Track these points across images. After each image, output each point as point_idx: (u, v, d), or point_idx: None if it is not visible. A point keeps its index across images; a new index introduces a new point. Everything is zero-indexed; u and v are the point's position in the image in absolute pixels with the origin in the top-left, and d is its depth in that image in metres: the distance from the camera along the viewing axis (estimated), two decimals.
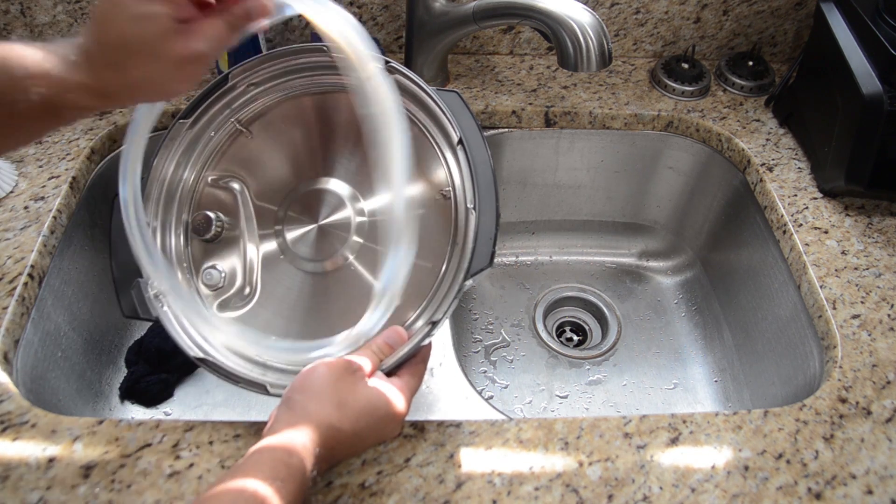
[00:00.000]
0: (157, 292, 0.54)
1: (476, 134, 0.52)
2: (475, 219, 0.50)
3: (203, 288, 0.56)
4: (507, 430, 0.53)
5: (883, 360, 0.59)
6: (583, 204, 0.94)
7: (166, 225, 0.56)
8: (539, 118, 0.84)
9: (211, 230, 0.56)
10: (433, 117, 0.53)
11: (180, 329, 0.53)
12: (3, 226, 0.65)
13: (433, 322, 0.49)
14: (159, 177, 0.56)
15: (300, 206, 0.56)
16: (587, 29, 0.67)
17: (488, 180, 0.51)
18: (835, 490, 0.50)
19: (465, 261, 0.50)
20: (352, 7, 0.86)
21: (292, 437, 0.42)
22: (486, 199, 0.51)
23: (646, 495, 0.49)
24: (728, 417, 0.55)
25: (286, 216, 0.56)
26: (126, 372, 0.74)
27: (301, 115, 0.57)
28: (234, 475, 0.40)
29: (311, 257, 0.55)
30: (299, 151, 0.57)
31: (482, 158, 0.52)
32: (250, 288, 0.56)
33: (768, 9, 0.88)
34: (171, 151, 0.56)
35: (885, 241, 0.69)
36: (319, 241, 0.55)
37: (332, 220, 0.55)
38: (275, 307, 0.55)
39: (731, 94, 0.88)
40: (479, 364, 0.83)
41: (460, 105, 0.53)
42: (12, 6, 0.82)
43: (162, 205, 0.56)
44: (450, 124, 0.52)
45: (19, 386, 0.55)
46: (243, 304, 0.56)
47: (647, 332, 0.88)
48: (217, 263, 0.56)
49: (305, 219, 0.56)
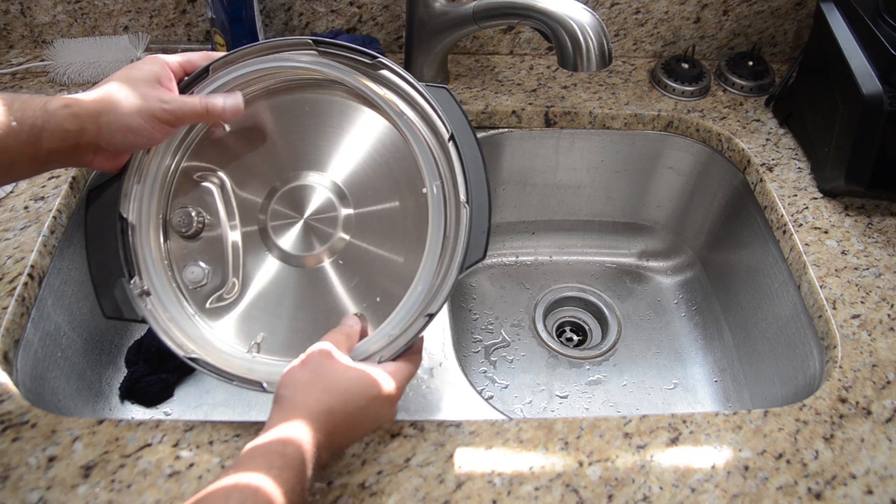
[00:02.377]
0: (141, 291, 0.53)
1: (466, 129, 0.52)
2: (468, 213, 0.50)
3: (185, 285, 0.55)
4: (507, 430, 0.53)
5: (883, 360, 0.59)
6: (583, 204, 0.94)
7: (144, 221, 0.55)
8: (539, 118, 0.84)
9: (192, 227, 0.55)
10: (423, 114, 0.53)
11: (168, 329, 0.53)
12: (3, 226, 0.65)
13: (429, 314, 0.49)
14: (136, 173, 0.55)
15: (284, 200, 0.55)
16: (587, 29, 0.67)
17: (480, 175, 0.51)
18: (835, 490, 0.50)
19: (458, 254, 0.50)
20: (352, 7, 0.86)
21: (286, 430, 0.42)
22: (479, 193, 0.51)
23: (646, 495, 0.49)
24: (728, 417, 0.55)
25: (270, 211, 0.55)
26: (126, 372, 0.74)
27: (285, 109, 0.56)
28: (228, 473, 0.40)
29: (298, 252, 0.55)
30: (283, 145, 0.56)
31: (473, 154, 0.52)
32: (237, 284, 0.55)
33: (768, 9, 0.88)
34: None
35: (885, 241, 0.69)
36: (306, 235, 0.55)
37: (317, 215, 0.55)
38: (264, 304, 0.55)
39: (731, 94, 0.88)
40: (479, 364, 0.83)
41: (450, 101, 0.53)
42: (12, 6, 0.82)
43: (141, 201, 0.55)
44: (440, 121, 0.52)
45: (19, 386, 0.55)
46: (231, 303, 0.55)
47: (647, 332, 0.88)
48: (199, 260, 0.55)
49: (290, 213, 0.55)
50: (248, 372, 0.51)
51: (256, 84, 0.56)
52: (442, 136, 0.52)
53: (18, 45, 0.86)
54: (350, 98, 0.55)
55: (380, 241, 0.54)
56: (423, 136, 0.53)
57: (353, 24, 0.88)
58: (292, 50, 0.54)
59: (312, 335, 0.52)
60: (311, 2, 0.85)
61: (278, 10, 0.86)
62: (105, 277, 0.54)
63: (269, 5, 0.85)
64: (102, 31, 0.86)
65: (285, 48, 0.54)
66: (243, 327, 0.55)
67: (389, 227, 0.54)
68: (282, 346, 0.54)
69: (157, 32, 0.87)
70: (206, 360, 0.52)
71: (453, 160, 0.51)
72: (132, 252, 0.54)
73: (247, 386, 0.51)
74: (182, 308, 0.54)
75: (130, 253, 0.54)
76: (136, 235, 0.55)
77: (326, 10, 0.86)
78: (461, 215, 0.50)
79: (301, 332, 0.53)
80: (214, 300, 0.55)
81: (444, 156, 0.52)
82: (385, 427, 0.53)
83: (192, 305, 0.55)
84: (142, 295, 0.54)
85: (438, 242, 0.51)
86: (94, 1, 0.83)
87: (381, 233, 0.54)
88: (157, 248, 0.55)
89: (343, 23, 0.87)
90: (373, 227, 0.54)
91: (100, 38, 0.84)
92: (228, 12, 0.77)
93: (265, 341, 0.54)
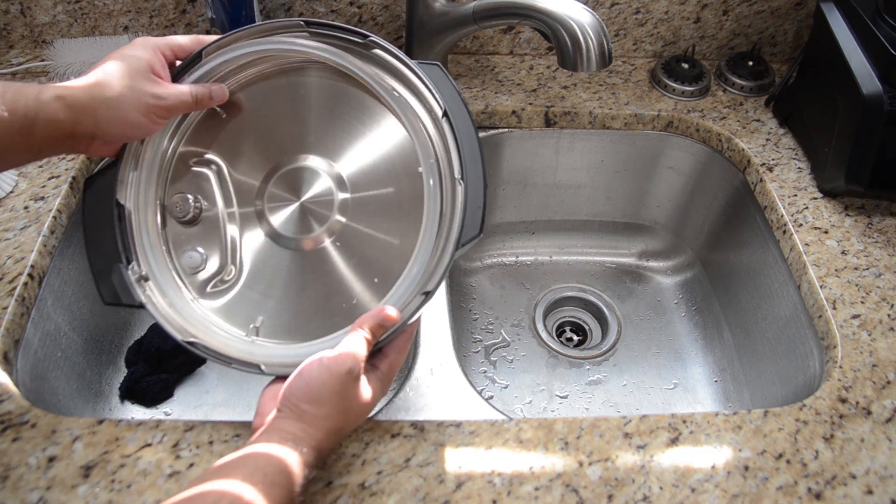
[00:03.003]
0: (140, 276, 0.53)
1: (460, 105, 0.52)
2: (463, 189, 0.50)
3: (184, 270, 0.55)
4: (507, 430, 0.53)
5: (883, 360, 0.59)
6: (583, 204, 0.94)
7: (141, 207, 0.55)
8: (539, 118, 0.84)
9: (189, 212, 0.55)
10: (415, 91, 0.53)
11: (166, 314, 0.53)
12: (3, 226, 0.65)
13: (426, 292, 0.49)
14: (132, 159, 0.55)
15: (281, 183, 0.55)
16: (587, 29, 0.67)
17: (474, 150, 0.51)
18: (835, 490, 0.50)
19: (454, 231, 0.49)
20: (352, 7, 0.86)
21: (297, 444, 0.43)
22: (473, 169, 0.50)
23: (646, 495, 0.49)
24: (728, 417, 0.55)
25: (267, 194, 0.55)
26: (126, 372, 0.74)
27: (279, 92, 0.56)
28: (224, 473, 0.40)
29: (294, 235, 0.55)
30: (277, 128, 0.56)
31: (467, 129, 0.51)
32: (235, 269, 0.55)
33: (768, 9, 0.88)
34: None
35: (885, 241, 0.69)
36: (303, 218, 0.54)
37: (314, 198, 0.54)
38: (263, 288, 0.54)
39: (731, 94, 0.88)
40: (479, 364, 0.83)
41: (442, 77, 0.53)
42: (12, 6, 0.82)
43: (138, 187, 0.55)
44: (433, 97, 0.52)
45: (19, 386, 0.55)
46: (229, 287, 0.55)
47: (647, 332, 0.88)
48: (197, 245, 0.55)
49: (287, 196, 0.55)
50: (248, 355, 0.51)
51: (250, 68, 0.55)
52: (435, 113, 0.52)
53: (18, 45, 0.86)
54: (343, 80, 0.55)
55: (377, 222, 0.53)
56: (416, 114, 0.52)
57: (353, 24, 0.88)
58: (284, 32, 0.54)
59: (312, 318, 0.51)
60: (311, 2, 0.85)
61: (278, 10, 0.86)
62: (104, 265, 0.54)
63: (269, 5, 0.85)
64: (102, 31, 0.86)
65: (277, 31, 0.54)
66: (242, 311, 0.54)
67: (386, 208, 0.53)
68: (281, 329, 0.53)
69: (157, 32, 0.87)
70: (205, 344, 0.52)
71: (447, 137, 0.51)
72: (130, 238, 0.54)
73: (245, 369, 0.51)
74: (180, 293, 0.54)
75: (128, 238, 0.54)
76: (134, 221, 0.55)
77: (326, 10, 0.86)
78: (456, 192, 0.50)
79: (300, 314, 0.53)
80: (213, 285, 0.55)
81: (438, 132, 0.52)
82: (385, 427, 0.53)
83: (190, 290, 0.55)
84: (140, 280, 0.53)
85: (434, 220, 0.50)
86: (94, 1, 0.83)
87: (378, 214, 0.53)
88: (155, 233, 0.55)
89: (343, 23, 0.87)
90: (369, 209, 0.54)
91: (100, 38, 0.84)
92: (228, 12, 0.77)
93: (264, 325, 0.53)
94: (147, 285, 0.53)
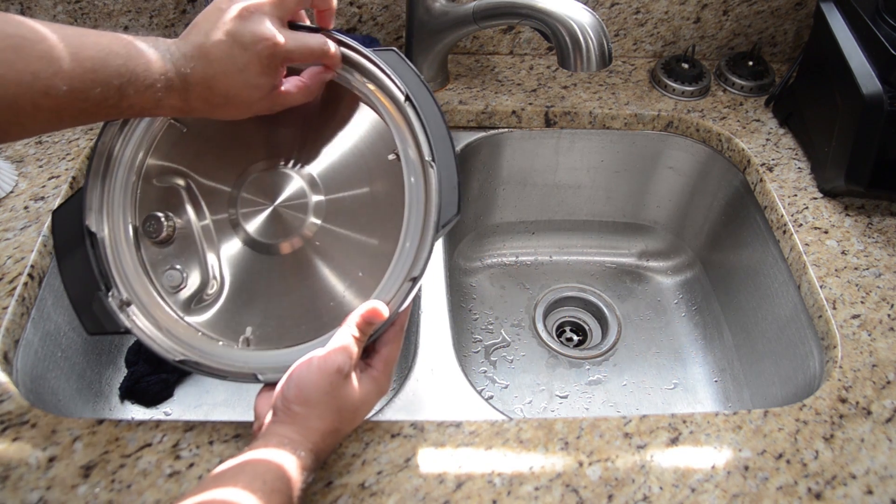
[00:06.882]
0: (121, 302, 0.52)
1: (422, 88, 0.52)
2: (435, 171, 0.50)
3: (166, 290, 0.54)
4: (507, 430, 0.53)
5: (883, 360, 0.59)
6: (583, 204, 0.94)
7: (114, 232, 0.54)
8: (539, 118, 0.84)
9: (163, 231, 0.54)
10: (374, 79, 0.52)
11: (154, 336, 0.52)
12: (3, 226, 0.65)
13: (412, 279, 0.49)
14: (97, 185, 0.54)
15: (252, 188, 0.54)
16: (587, 29, 0.67)
17: (442, 132, 0.51)
18: (835, 490, 0.50)
19: (432, 214, 0.49)
20: (352, 7, 0.86)
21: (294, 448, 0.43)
22: (443, 150, 0.50)
23: (646, 495, 0.49)
24: (728, 417, 0.55)
25: (239, 200, 0.54)
26: (126, 372, 0.74)
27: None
28: (228, 483, 0.40)
29: (273, 240, 0.54)
30: (240, 131, 0.55)
31: (432, 112, 0.51)
32: (216, 282, 0.54)
33: (768, 9, 0.88)
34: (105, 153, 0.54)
35: (885, 241, 0.69)
36: (279, 222, 0.54)
37: (287, 200, 0.54)
38: (247, 297, 0.54)
39: (731, 94, 0.88)
40: (479, 364, 0.83)
41: (400, 62, 0.52)
42: (12, 6, 0.82)
43: (108, 212, 0.54)
44: (393, 84, 0.51)
45: (19, 386, 0.55)
46: (213, 300, 0.54)
47: (647, 332, 0.88)
48: (175, 263, 0.54)
49: (260, 201, 0.54)
50: (242, 366, 0.51)
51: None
52: (398, 99, 0.51)
53: None
54: None
55: (353, 218, 0.53)
56: (380, 102, 0.52)
57: (353, 24, 0.88)
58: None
59: (300, 320, 0.51)
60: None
61: None
62: (82, 294, 0.53)
63: None
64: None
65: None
66: (229, 322, 0.54)
67: (361, 203, 0.53)
68: (271, 336, 0.53)
69: (157, 32, 0.87)
70: (197, 361, 0.51)
71: (412, 121, 0.51)
72: (106, 264, 0.53)
73: (241, 380, 0.50)
74: (165, 313, 0.53)
75: (104, 265, 0.53)
76: (108, 247, 0.53)
77: None
78: (429, 175, 0.50)
79: (287, 318, 0.53)
80: (196, 300, 0.54)
81: (404, 118, 0.51)
82: (385, 427, 0.53)
83: (174, 309, 0.54)
84: (122, 306, 0.52)
85: (411, 206, 0.50)
86: (94, 1, 0.83)
87: (354, 210, 0.53)
88: (131, 257, 0.54)
89: (343, 23, 0.87)
90: (344, 205, 0.53)
91: None
92: None
93: (254, 334, 0.53)
94: (130, 310, 0.52)
